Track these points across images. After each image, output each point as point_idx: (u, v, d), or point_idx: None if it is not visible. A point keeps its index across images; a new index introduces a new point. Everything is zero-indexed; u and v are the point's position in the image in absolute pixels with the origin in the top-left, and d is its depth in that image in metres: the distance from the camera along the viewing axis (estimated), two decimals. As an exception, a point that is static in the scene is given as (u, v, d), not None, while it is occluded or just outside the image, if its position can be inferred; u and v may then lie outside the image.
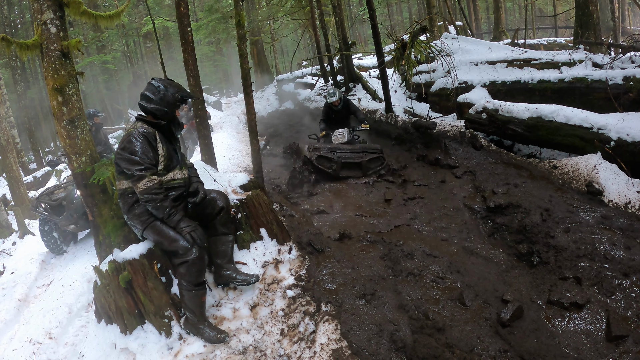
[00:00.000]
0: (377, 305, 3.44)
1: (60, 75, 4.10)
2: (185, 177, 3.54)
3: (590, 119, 5.92)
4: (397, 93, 11.09)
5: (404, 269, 3.98)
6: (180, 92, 3.44)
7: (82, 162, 4.14)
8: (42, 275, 6.44)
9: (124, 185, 3.34)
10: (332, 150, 7.22)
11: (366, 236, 4.57)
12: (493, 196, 5.56)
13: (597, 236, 4.57)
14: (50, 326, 4.67)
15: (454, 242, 4.68)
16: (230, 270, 3.61)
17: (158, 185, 3.21)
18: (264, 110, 16.43)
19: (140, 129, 3.29)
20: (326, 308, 3.39)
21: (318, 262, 4.03)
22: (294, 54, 19.25)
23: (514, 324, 3.37)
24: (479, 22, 25.19)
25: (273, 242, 4.06)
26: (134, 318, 3.35)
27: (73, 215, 6.39)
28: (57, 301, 5.17)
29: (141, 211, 3.30)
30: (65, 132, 4.13)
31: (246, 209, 4.05)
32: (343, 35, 11.71)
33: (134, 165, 3.17)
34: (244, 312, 3.46)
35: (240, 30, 5.26)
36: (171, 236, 3.22)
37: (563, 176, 5.88)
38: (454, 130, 7.91)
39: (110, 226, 4.15)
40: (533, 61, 8.62)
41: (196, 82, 5.46)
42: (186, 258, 3.18)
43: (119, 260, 3.31)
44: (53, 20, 4.08)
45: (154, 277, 3.29)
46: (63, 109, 4.10)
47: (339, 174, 7.02)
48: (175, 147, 3.59)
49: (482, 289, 3.71)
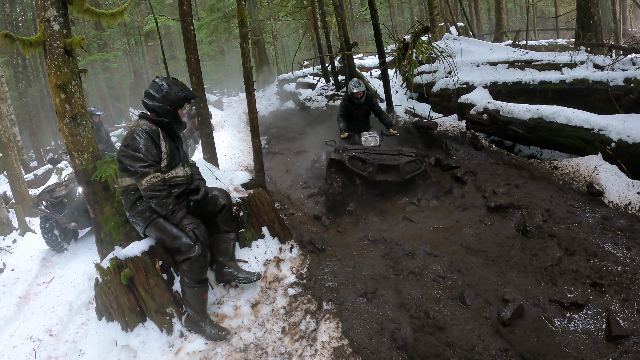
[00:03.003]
0: (378, 303, 3.44)
1: (63, 72, 4.10)
2: (187, 175, 3.55)
3: (591, 120, 5.92)
4: (398, 93, 11.11)
5: (405, 268, 3.98)
6: (184, 91, 3.45)
7: (85, 159, 4.14)
8: (43, 273, 6.45)
9: (127, 182, 3.35)
10: (365, 152, 6.39)
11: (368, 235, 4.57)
12: (494, 196, 5.57)
13: (597, 237, 4.59)
14: (51, 323, 4.68)
15: (454, 241, 4.69)
16: (232, 268, 3.62)
17: (161, 182, 3.22)
18: (265, 109, 16.44)
19: (143, 126, 3.31)
20: (327, 306, 3.40)
21: (319, 260, 4.04)
22: (296, 53, 19.21)
23: (515, 323, 3.37)
24: (480, 23, 25.20)
25: (274, 240, 4.07)
26: (135, 315, 3.35)
27: (74, 212, 6.39)
28: (57, 298, 5.18)
29: (144, 208, 3.31)
30: (67, 130, 4.13)
31: (248, 207, 4.06)
32: (345, 35, 11.69)
33: (138, 162, 3.18)
34: (246, 310, 3.47)
35: (243, 29, 5.27)
36: (174, 233, 3.23)
37: (564, 177, 5.89)
38: (455, 130, 7.92)
39: (111, 224, 4.15)
40: (534, 62, 8.63)
41: (198, 81, 5.47)
42: (189, 255, 3.19)
43: (121, 257, 3.32)
44: (56, 18, 4.09)
45: (156, 274, 3.30)
46: (66, 106, 4.10)
47: (375, 177, 6.13)
48: (178, 145, 3.59)
49: (483, 289, 3.71)
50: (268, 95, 18.68)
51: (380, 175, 6.14)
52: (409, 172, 6.22)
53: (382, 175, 6.15)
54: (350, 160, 6.15)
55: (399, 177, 6.15)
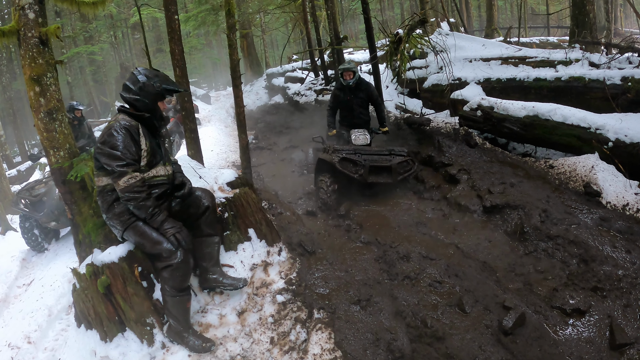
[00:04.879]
0: (372, 312, 3.24)
1: (38, 63, 3.85)
2: (169, 174, 3.29)
3: (588, 118, 5.82)
4: (388, 89, 10.92)
5: (399, 272, 3.80)
6: (164, 83, 3.17)
7: (61, 156, 3.89)
8: (23, 274, 6.23)
9: (104, 182, 3.08)
10: (356, 152, 6.08)
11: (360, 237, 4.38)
12: (489, 195, 5.42)
13: (596, 239, 4.47)
14: (30, 329, 4.50)
15: (450, 243, 4.53)
16: (217, 274, 3.38)
17: (140, 183, 2.96)
18: (253, 104, 16.18)
19: (122, 121, 3.03)
20: (319, 315, 3.19)
21: (309, 264, 3.83)
22: (284, 47, 18.91)
23: (516, 332, 3.22)
24: (470, 19, 25.10)
25: (262, 243, 3.81)
26: (114, 325, 3.12)
27: (54, 211, 6.16)
28: (37, 302, 4.98)
29: (121, 210, 3.04)
30: (42, 125, 3.87)
31: (233, 207, 3.79)
32: (335, 29, 11.48)
33: (115, 160, 2.92)
34: (231, 318, 3.25)
35: (230, 20, 5.02)
36: (154, 238, 2.97)
37: (560, 176, 5.76)
38: (447, 127, 7.76)
39: (90, 225, 3.91)
40: (528, 59, 8.48)
41: (183, 73, 5.21)
42: (170, 262, 2.94)
43: (97, 263, 3.06)
44: (32, 5, 3.84)
45: (135, 282, 3.04)
46: (40, 100, 3.85)
47: (367, 179, 5.84)
48: (159, 142, 3.33)
49: (482, 294, 3.55)
50: (256, 89, 18.45)
51: (373, 177, 5.90)
52: (401, 173, 6.04)
53: (374, 177, 5.91)
54: (341, 162, 5.88)
55: (391, 178, 5.95)
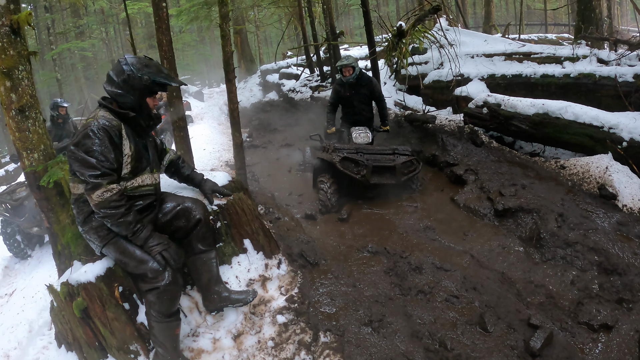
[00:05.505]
0: (386, 334, 2.88)
1: (8, 55, 3.41)
2: (156, 183, 2.86)
3: (600, 117, 5.54)
4: (386, 85, 10.58)
5: (412, 286, 3.45)
6: (156, 75, 2.66)
7: (35, 159, 3.46)
8: (5, 283, 5.89)
9: (79, 190, 2.63)
10: (357, 151, 5.78)
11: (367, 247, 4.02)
12: (501, 198, 5.10)
13: (616, 245, 4.17)
14: (9, 347, 4.17)
15: (464, 251, 4.19)
16: (222, 291, 2.94)
17: (118, 197, 2.50)
18: (247, 101, 15.77)
19: (101, 120, 2.56)
20: (325, 338, 2.82)
21: (312, 278, 3.45)
22: (279, 44, 18.53)
23: (544, 353, 2.89)
24: (466, 16, 24.88)
25: (259, 255, 3.40)
26: (95, 351, 2.74)
27: (36, 216, 5.79)
28: (17, 316, 4.63)
29: (100, 224, 2.61)
30: (14, 124, 3.45)
31: (227, 216, 3.34)
32: (331, 24, 11.12)
33: (88, 169, 2.46)
34: (226, 342, 2.86)
35: (223, 9, 4.63)
36: (138, 256, 2.56)
37: (572, 177, 5.46)
38: (451, 125, 7.42)
39: (69, 234, 3.50)
40: (533, 55, 8.19)
41: (171, 66, 4.81)
42: (157, 284, 2.53)
43: (72, 282, 2.65)
44: (1, -11, 3.42)
45: (115, 304, 2.63)
46: (11, 96, 3.42)
47: (370, 180, 5.53)
48: (147, 144, 2.88)
49: (504, 310, 3.21)
50: (250, 86, 18.06)
51: (375, 177, 5.58)
52: (405, 173, 5.72)
53: (377, 178, 5.60)
54: (342, 162, 5.57)
55: (395, 179, 5.63)
